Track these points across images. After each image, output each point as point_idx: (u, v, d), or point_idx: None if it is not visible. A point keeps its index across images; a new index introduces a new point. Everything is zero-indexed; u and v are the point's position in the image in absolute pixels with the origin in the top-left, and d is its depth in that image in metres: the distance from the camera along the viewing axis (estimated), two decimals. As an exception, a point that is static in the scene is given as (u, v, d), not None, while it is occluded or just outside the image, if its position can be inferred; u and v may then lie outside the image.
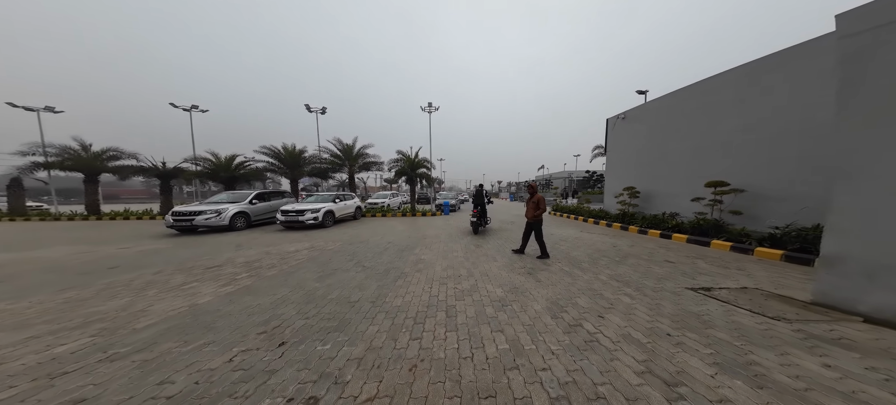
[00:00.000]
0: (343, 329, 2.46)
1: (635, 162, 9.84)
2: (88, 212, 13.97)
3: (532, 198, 4.86)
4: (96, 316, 2.64)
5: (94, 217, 13.48)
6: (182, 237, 7.84)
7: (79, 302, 2.99)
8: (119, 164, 14.19)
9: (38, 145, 13.84)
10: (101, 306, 2.89)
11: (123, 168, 14.21)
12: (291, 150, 15.55)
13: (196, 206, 8.98)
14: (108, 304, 2.93)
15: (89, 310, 2.77)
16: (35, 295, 3.20)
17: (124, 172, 14.39)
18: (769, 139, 5.69)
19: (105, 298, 3.11)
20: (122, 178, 15.20)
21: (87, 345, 2.14)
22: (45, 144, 13.83)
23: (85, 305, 2.90)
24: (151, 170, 14.59)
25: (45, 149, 13.73)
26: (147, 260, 5.08)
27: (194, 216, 8.46)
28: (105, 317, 2.60)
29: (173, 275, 4.04)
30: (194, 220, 8.41)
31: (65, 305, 2.89)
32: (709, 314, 2.53)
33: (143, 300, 3.07)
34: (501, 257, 5.01)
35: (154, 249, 6.07)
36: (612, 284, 3.47)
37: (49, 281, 3.74)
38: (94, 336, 2.27)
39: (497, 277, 3.80)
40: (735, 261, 4.54)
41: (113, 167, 14.15)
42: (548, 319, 2.55)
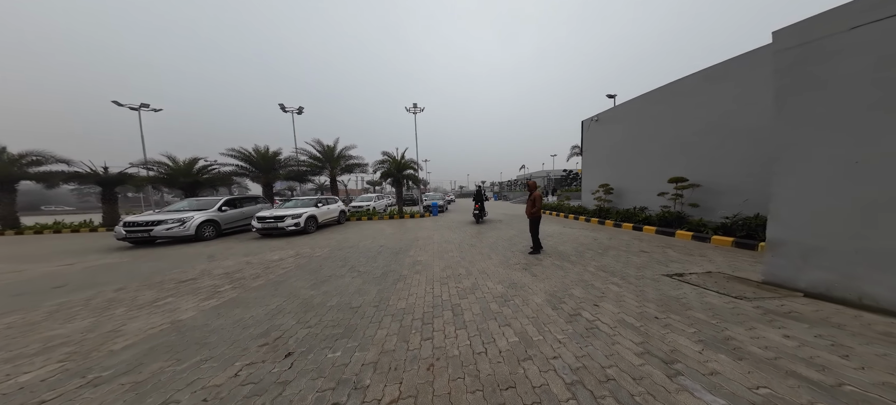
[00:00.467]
0: (351, 335, 2.43)
1: (609, 161, 10.72)
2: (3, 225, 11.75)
3: (531, 195, 5.10)
4: (57, 340, 2.31)
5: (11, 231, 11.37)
6: (137, 250, 7.00)
7: (28, 326, 2.58)
8: (44, 170, 12.07)
9: None
10: (59, 329, 2.53)
11: (50, 174, 12.12)
12: (264, 152, 14.53)
13: (154, 216, 8.04)
14: (67, 327, 2.57)
15: (45, 335, 2.41)
16: None
17: (51, 179, 12.29)
18: (719, 139, 6.59)
19: (61, 320, 2.72)
20: (49, 186, 13.03)
21: (57, 371, 1.88)
22: None
23: (37, 329, 2.51)
24: (90, 176, 12.65)
25: None
26: (100, 277, 4.48)
27: (152, 226, 7.57)
28: (69, 341, 2.29)
29: (140, 292, 3.63)
30: (152, 231, 7.53)
31: (10, 331, 2.48)
32: (685, 297, 2.89)
33: (111, 320, 2.73)
34: (495, 255, 5.21)
35: (106, 265, 5.35)
36: (600, 275, 3.80)
37: None
38: (62, 361, 2.00)
39: (495, 274, 3.96)
40: (697, 248, 5.20)
41: (36, 174, 12.02)
42: (549, 311, 2.75)
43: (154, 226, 7.58)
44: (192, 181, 13.24)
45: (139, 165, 13.66)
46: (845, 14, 2.53)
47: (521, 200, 27.69)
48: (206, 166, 13.94)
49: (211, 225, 8.63)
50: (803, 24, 2.81)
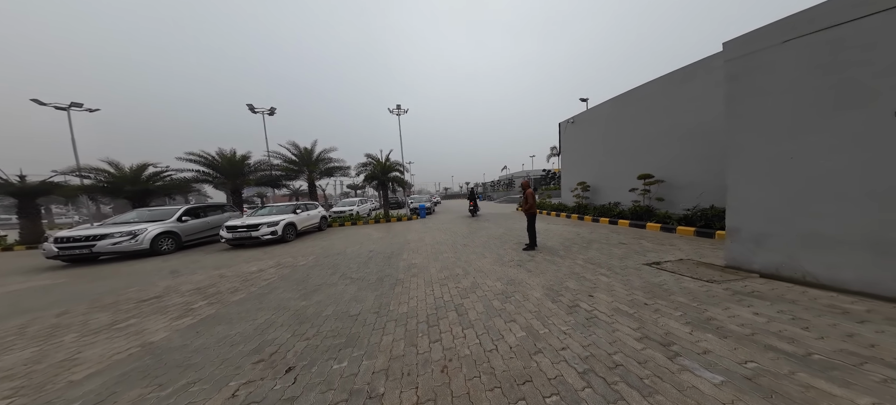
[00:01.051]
0: (354, 344, 2.34)
1: (585, 160, 11.54)
2: None
3: (524, 194, 5.42)
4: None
5: None
6: (75, 269, 6.03)
7: None
8: None
9: None
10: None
11: None
12: (231, 156, 13.35)
13: (96, 229, 6.99)
14: (3, 360, 2.15)
15: None
16: None
17: None
18: (677, 139, 7.44)
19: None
20: None
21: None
22: None
23: None
24: (3, 186, 10.61)
25: None
26: (31, 301, 3.79)
27: (94, 241, 6.58)
28: (11, 374, 1.91)
29: (91, 315, 3.14)
30: (95, 246, 6.54)
31: None
32: (666, 283, 3.22)
33: (61, 348, 2.33)
34: (490, 253, 5.34)
35: (35, 288, 4.54)
36: (589, 267, 4.07)
37: None
38: (9, 398, 1.66)
39: (492, 272, 4.06)
40: (666, 238, 5.80)
41: None
42: (549, 304, 2.89)
43: (97, 240, 6.58)
44: (142, 190, 11.70)
45: (70, 173, 11.73)
46: (779, 29, 3.01)
47: (505, 200, 28.66)
48: (159, 173, 12.42)
49: (169, 237, 7.72)
50: (747, 36, 3.30)
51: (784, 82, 3.03)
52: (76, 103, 12.99)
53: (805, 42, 2.88)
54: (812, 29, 2.82)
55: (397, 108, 16.31)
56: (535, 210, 5.39)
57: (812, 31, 2.82)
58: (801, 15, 2.92)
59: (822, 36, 2.78)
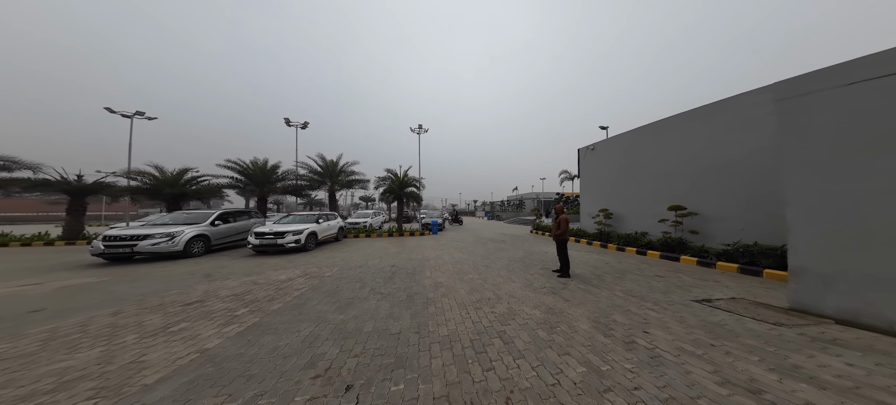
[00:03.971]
0: (404, 365, 2.29)
1: (606, 187, 11.44)
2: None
3: (557, 218, 5.28)
4: (72, 374, 1.97)
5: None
6: (112, 268, 6.27)
7: (24, 358, 2.19)
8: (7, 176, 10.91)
9: None
10: (67, 361, 2.17)
11: (10, 181, 10.94)
12: (262, 165, 14.15)
13: (139, 230, 7.39)
14: (76, 358, 2.21)
15: (53, 367, 2.05)
16: None
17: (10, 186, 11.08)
18: (712, 171, 7.29)
19: (63, 351, 2.33)
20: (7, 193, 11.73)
21: None
22: None
23: (38, 362, 2.13)
24: (57, 185, 11.53)
25: None
26: (82, 299, 3.95)
27: (137, 241, 6.92)
28: (87, 374, 1.96)
29: (142, 316, 3.23)
30: (137, 246, 6.86)
31: (5, 364, 2.09)
32: (726, 323, 3.01)
33: (125, 350, 2.39)
34: (516, 277, 5.20)
35: (81, 286, 4.75)
36: (631, 300, 3.87)
37: None
38: (92, 399, 1.70)
39: (526, 298, 3.93)
40: (707, 273, 5.48)
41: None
42: (601, 338, 2.74)
43: (139, 240, 6.92)
44: (179, 193, 12.43)
45: (121, 175, 12.72)
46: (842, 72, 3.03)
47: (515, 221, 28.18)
48: (196, 177, 13.24)
49: (201, 240, 8.02)
50: (803, 78, 3.34)
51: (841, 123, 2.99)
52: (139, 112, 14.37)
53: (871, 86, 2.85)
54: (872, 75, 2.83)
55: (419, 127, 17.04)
56: (567, 236, 5.25)
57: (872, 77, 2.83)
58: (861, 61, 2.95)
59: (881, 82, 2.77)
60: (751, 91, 6.68)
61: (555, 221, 5.38)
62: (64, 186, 11.54)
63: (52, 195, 11.97)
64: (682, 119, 8.26)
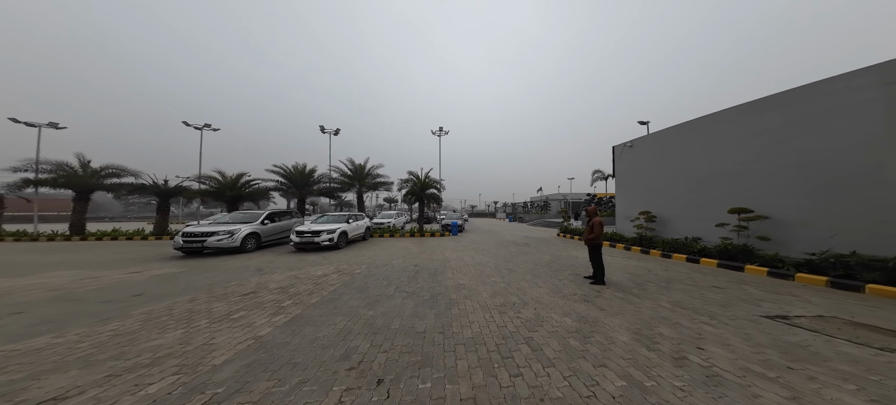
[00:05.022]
0: (431, 364, 2.33)
1: (647, 187, 10.30)
2: (72, 231, 13.16)
3: (590, 221, 4.94)
4: (162, 351, 2.41)
5: (77, 237, 12.67)
6: (188, 260, 7.42)
7: (130, 334, 2.74)
8: (117, 181, 13.73)
9: (33, 161, 13.36)
10: (159, 339, 2.66)
11: (119, 185, 13.74)
12: (301, 169, 15.63)
13: (208, 227, 8.67)
14: (165, 337, 2.70)
15: (150, 345, 2.53)
16: (70, 327, 2.92)
17: (119, 190, 13.90)
18: (783, 169, 6.14)
19: (156, 330, 2.86)
20: (117, 196, 14.67)
21: (176, 385, 1.94)
22: (38, 161, 13.38)
23: (140, 339, 2.66)
24: (151, 188, 14.14)
25: (38, 165, 13.26)
26: (168, 286, 4.77)
27: (205, 237, 8.13)
28: (173, 353, 2.38)
29: (211, 304, 3.79)
30: (206, 242, 8.07)
31: (117, 338, 2.64)
32: (811, 345, 2.52)
33: (199, 333, 2.84)
34: (543, 282, 4.96)
35: (167, 275, 5.71)
36: (680, 312, 3.45)
37: (75, 312, 3.43)
38: (176, 374, 2.07)
39: (554, 305, 3.74)
40: (780, 286, 4.63)
41: (109, 185, 13.67)
42: (644, 351, 2.49)
43: (207, 237, 8.12)
44: (236, 195, 14.32)
45: (194, 179, 15.11)
46: None
47: (539, 223, 26.84)
48: (249, 181, 15.11)
49: (253, 237, 9.12)
50: None
51: None
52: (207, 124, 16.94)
53: None
54: None
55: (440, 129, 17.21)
56: (601, 240, 4.85)
57: None
58: None
59: None
60: (841, 75, 5.46)
61: (587, 224, 5.00)
62: (155, 189, 14.06)
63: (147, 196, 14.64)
64: (747, 110, 7.09)
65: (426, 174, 16.08)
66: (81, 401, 1.76)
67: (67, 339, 2.62)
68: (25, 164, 13.21)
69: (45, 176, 12.92)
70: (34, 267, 6.38)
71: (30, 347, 2.45)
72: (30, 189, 13.08)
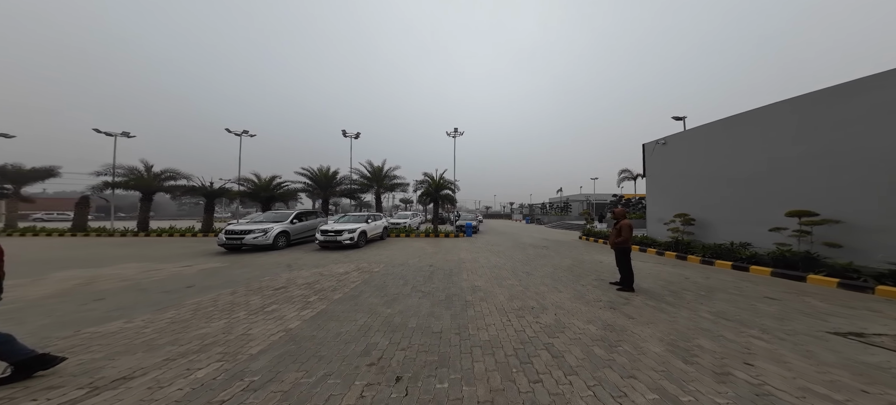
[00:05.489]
0: (447, 364, 2.34)
1: (682, 187, 9.44)
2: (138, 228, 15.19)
3: (617, 224, 4.63)
4: (209, 339, 2.71)
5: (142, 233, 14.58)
6: (229, 256, 8.14)
7: (183, 323, 3.11)
8: (173, 183, 15.63)
9: (110, 167, 15.67)
10: (206, 327, 2.98)
11: (175, 187, 15.62)
12: (325, 171, 16.57)
13: (246, 226, 9.52)
14: (210, 326, 3.02)
15: (198, 332, 2.85)
16: (138, 314, 3.37)
17: (175, 191, 15.79)
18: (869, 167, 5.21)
19: (203, 319, 3.21)
20: (174, 196, 16.67)
21: (220, 371, 2.16)
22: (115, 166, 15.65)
23: (190, 326, 3.00)
24: (201, 189, 15.87)
25: (114, 170, 15.50)
26: (213, 279, 5.30)
27: (244, 235, 8.93)
28: (217, 341, 2.66)
29: (249, 297, 4.16)
30: (244, 239, 8.86)
31: (173, 326, 3.01)
32: (894, 366, 2.13)
33: (238, 323, 3.14)
34: (564, 287, 4.75)
35: (212, 269, 6.35)
36: (724, 324, 3.11)
37: (142, 300, 3.96)
38: (220, 361, 2.30)
39: (576, 311, 3.56)
40: (855, 300, 3.96)
41: (167, 186, 15.59)
42: (680, 364, 2.28)
43: (245, 235, 8.92)
44: (269, 195, 15.59)
45: (234, 181, 16.74)
46: None
47: (559, 225, 25.65)
48: (280, 183, 16.35)
49: (284, 235, 9.83)
50: None
51: None
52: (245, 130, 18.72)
53: None
54: None
55: (454, 130, 17.20)
56: (630, 244, 4.49)
57: None
58: None
59: None
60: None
61: (613, 227, 4.67)
62: (203, 191, 15.75)
63: (195, 197, 16.44)
64: (806, 102, 6.19)
65: (441, 175, 16.18)
66: (144, 381, 2.02)
67: (135, 325, 3.04)
68: (105, 169, 15.52)
69: (120, 179, 15.06)
70: (111, 259, 7.47)
71: (108, 330, 2.87)
72: (108, 191, 15.34)
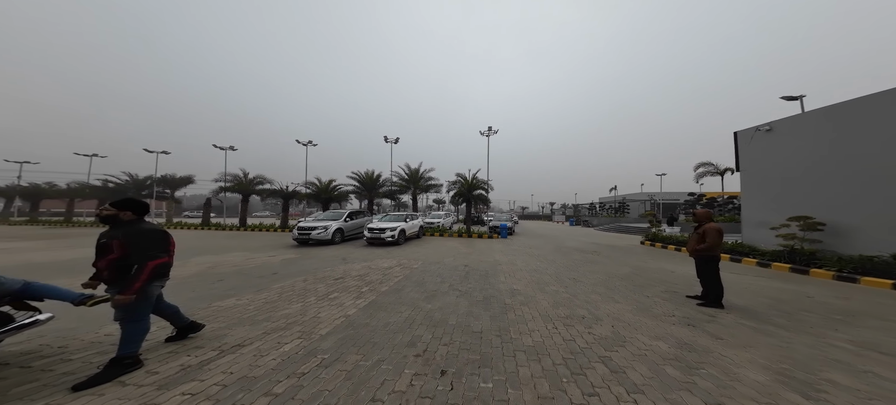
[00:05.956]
0: (489, 365, 2.32)
1: (796, 184, 7.41)
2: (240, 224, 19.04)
3: (699, 227, 3.85)
4: (291, 319, 3.24)
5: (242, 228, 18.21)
6: (299, 249, 9.51)
7: (272, 303, 3.79)
8: (262, 187, 19.18)
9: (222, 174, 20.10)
10: (288, 309, 3.59)
11: (263, 190, 19.11)
12: (370, 175, 18.19)
13: (311, 223, 11.09)
14: (290, 308, 3.62)
15: (283, 312, 3.44)
16: (244, 294, 4.25)
17: (263, 194, 19.31)
18: None
19: (286, 302, 3.87)
20: (263, 198, 20.39)
21: (299, 347, 2.57)
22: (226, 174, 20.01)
23: (278, 307, 3.65)
24: (279, 192, 19.12)
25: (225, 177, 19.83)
26: (290, 268, 6.30)
27: (311, 231, 10.41)
28: (296, 321, 3.17)
29: (316, 284, 4.83)
30: (311, 235, 10.33)
31: (267, 305, 3.70)
32: None
33: (310, 306, 3.68)
34: (622, 298, 4.19)
35: (289, 259, 7.53)
36: (874, 358, 2.34)
37: (244, 283, 4.94)
38: (299, 338, 2.75)
39: (639, 325, 3.11)
40: None
41: (259, 190, 19.20)
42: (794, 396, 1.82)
43: (311, 231, 10.39)
44: (328, 197, 17.88)
45: (302, 185, 19.69)
46: None
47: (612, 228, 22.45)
48: (336, 186, 18.63)
49: (339, 232, 11.11)
50: None
51: None
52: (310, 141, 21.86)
53: None
54: None
55: (488, 129, 16.84)
56: (719, 252, 3.69)
57: None
58: None
59: None
60: None
61: (695, 231, 3.86)
62: (281, 193, 18.92)
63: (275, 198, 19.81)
64: None
65: (473, 175, 16.04)
66: (251, 349, 2.52)
67: (243, 302, 3.83)
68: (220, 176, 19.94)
69: (228, 184, 19.13)
70: (224, 248, 9.54)
71: (226, 305, 3.69)
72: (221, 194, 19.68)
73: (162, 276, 2.29)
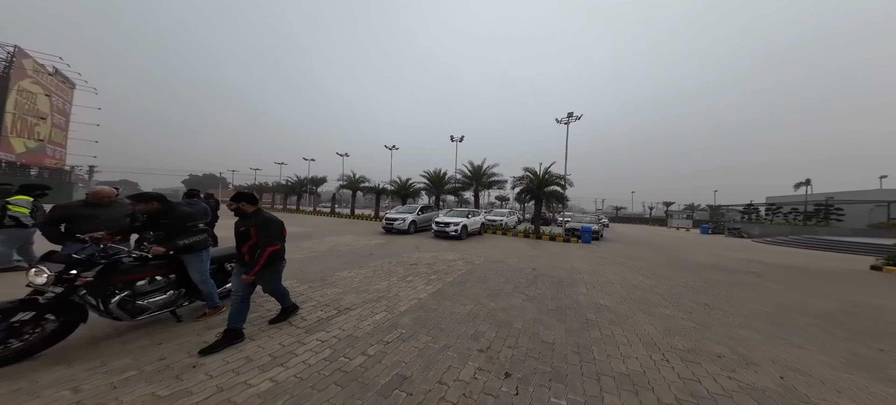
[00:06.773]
0: (563, 381, 2.04)
1: None
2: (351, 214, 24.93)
3: None
4: (380, 293, 3.95)
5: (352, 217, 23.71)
6: (384, 236, 11.30)
7: (368, 279, 4.73)
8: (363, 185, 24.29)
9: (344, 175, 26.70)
10: (378, 284, 4.38)
11: (364, 187, 24.26)
12: (437, 172, 19.64)
13: (393, 214, 13.10)
14: (380, 284, 4.40)
15: (376, 287, 4.23)
16: (353, 268, 5.48)
17: (364, 190, 24.50)
18: None
19: (377, 279, 4.73)
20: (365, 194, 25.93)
21: (385, 319, 3.06)
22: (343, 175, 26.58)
23: (372, 282, 4.52)
24: (373, 189, 23.74)
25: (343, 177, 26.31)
26: (380, 251, 7.64)
27: (393, 221, 12.32)
28: (382, 297, 3.81)
29: (397, 267, 5.64)
30: (393, 225, 12.24)
31: (366, 280, 4.64)
32: None
33: (393, 285, 4.35)
34: (809, 342, 2.78)
35: (379, 244, 9.13)
36: None
37: (353, 260, 6.33)
38: (385, 311, 3.30)
39: (843, 384, 1.97)
40: None
41: (361, 187, 24.49)
42: None
43: (394, 221, 12.30)
44: (405, 193, 20.70)
45: (387, 183, 23.67)
46: None
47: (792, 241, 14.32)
48: (410, 184, 21.26)
49: (413, 224, 12.58)
50: None
51: None
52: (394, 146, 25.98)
53: None
54: None
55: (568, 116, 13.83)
56: None
57: None
58: None
59: None
60: None
61: None
62: (375, 190, 23.38)
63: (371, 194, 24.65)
64: None
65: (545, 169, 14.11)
66: (356, 314, 3.18)
67: (352, 274, 4.95)
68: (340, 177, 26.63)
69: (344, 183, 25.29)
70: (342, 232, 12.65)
71: (342, 276, 4.85)
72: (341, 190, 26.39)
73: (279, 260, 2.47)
